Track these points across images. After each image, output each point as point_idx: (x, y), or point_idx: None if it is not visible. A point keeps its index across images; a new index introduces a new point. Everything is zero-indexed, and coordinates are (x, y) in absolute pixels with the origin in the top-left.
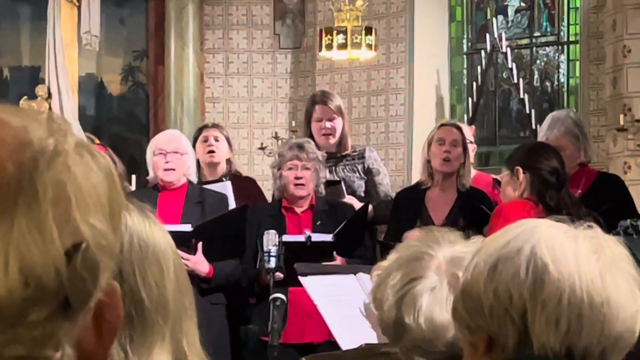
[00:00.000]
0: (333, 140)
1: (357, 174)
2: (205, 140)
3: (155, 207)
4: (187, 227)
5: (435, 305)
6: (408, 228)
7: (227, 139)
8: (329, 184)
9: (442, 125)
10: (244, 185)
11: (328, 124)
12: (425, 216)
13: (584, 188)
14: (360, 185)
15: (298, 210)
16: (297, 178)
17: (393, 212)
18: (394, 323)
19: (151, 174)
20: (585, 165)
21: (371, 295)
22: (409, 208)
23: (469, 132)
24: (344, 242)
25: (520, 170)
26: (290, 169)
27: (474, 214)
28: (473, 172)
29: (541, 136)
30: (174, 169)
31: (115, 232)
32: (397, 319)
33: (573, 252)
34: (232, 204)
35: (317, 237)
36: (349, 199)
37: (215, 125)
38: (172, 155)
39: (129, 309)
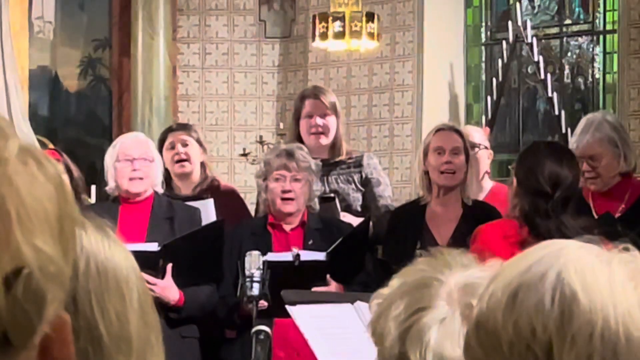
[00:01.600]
0: (325, 141)
1: (353, 185)
2: (172, 146)
3: (116, 223)
4: (154, 247)
5: (445, 339)
6: (408, 250)
7: (198, 141)
8: (321, 200)
9: (438, 130)
10: (224, 199)
11: (319, 121)
12: (427, 236)
13: (628, 202)
14: (356, 198)
15: (287, 227)
16: (284, 192)
17: (389, 232)
18: None
19: (111, 184)
20: (630, 176)
21: (370, 328)
22: (408, 227)
23: (482, 135)
24: (340, 264)
25: (515, 180)
26: (277, 180)
27: None
28: (490, 183)
29: (572, 142)
30: (141, 178)
31: (66, 255)
32: (401, 356)
33: (607, 279)
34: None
35: (307, 255)
36: (343, 216)
37: (181, 127)
38: (140, 162)
39: (84, 346)
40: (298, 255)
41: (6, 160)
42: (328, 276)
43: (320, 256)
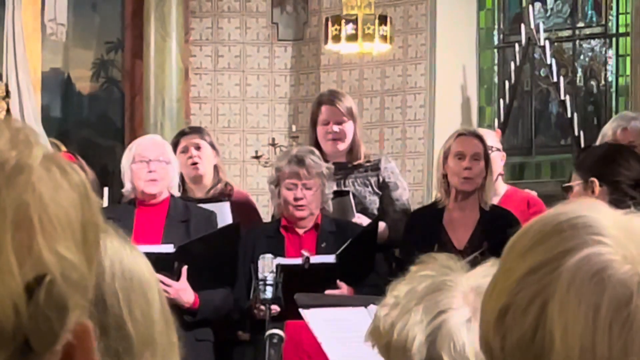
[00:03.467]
0: (342, 147)
1: (370, 189)
2: (185, 150)
3: (132, 226)
4: (169, 248)
5: (476, 339)
6: (425, 252)
7: (212, 144)
8: (335, 194)
9: (459, 134)
10: (237, 201)
11: (336, 128)
12: (444, 239)
13: None
14: (373, 201)
15: (300, 230)
16: (296, 199)
17: (406, 235)
18: None
19: (127, 186)
20: None
21: (379, 339)
22: (425, 230)
23: (494, 137)
24: (349, 266)
25: (597, 182)
26: (289, 189)
27: (499, 236)
28: (504, 186)
29: (606, 130)
30: (157, 180)
31: (89, 263)
32: (432, 359)
33: (591, 318)
34: None
35: (317, 258)
36: (358, 218)
37: (194, 130)
38: (155, 163)
39: (115, 345)
40: (308, 259)
41: (30, 167)
42: (338, 281)
43: (330, 259)
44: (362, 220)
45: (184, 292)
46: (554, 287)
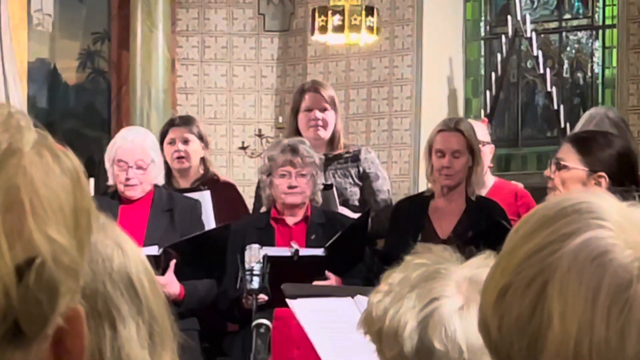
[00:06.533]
0: (324, 134)
1: (350, 179)
2: (173, 142)
3: (117, 216)
4: (153, 250)
5: (468, 327)
6: (409, 241)
7: (200, 136)
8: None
9: (440, 130)
10: (223, 192)
11: (319, 114)
12: (428, 228)
13: None
14: (353, 192)
15: (290, 221)
16: (291, 187)
17: (392, 224)
18: (417, 351)
19: (111, 180)
20: None
21: (371, 326)
22: (410, 219)
23: (484, 130)
24: (339, 258)
25: (607, 179)
26: (282, 176)
27: (484, 226)
28: (492, 179)
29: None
30: (137, 185)
31: (81, 248)
32: (423, 344)
33: (591, 301)
34: (209, 216)
35: (306, 251)
36: (341, 210)
37: (184, 121)
38: (134, 170)
39: (150, 330)
40: (297, 251)
41: (21, 151)
42: (327, 272)
43: (319, 252)
44: (345, 212)
45: (170, 284)
46: (555, 268)
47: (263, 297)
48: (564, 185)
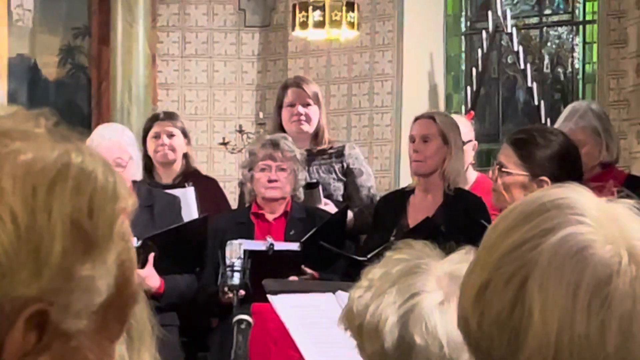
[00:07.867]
0: (307, 128)
1: (334, 175)
2: (157, 136)
3: None
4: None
5: (448, 322)
6: (385, 237)
7: (183, 131)
8: (304, 186)
9: (416, 119)
10: (205, 187)
11: (302, 109)
12: (403, 223)
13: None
14: (337, 188)
15: (270, 217)
16: (270, 181)
17: (374, 220)
18: (397, 346)
19: None
20: (611, 167)
21: (351, 321)
22: (390, 214)
23: (468, 127)
24: (316, 253)
25: (549, 182)
26: (262, 170)
27: (460, 220)
28: (474, 174)
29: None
30: None
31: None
32: (403, 339)
33: (571, 297)
34: (193, 213)
35: (281, 245)
36: (326, 204)
37: (168, 116)
38: None
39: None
40: (272, 245)
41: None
42: (302, 266)
43: (294, 246)
44: (330, 207)
45: (150, 278)
46: (535, 263)
47: (243, 292)
48: (506, 191)
